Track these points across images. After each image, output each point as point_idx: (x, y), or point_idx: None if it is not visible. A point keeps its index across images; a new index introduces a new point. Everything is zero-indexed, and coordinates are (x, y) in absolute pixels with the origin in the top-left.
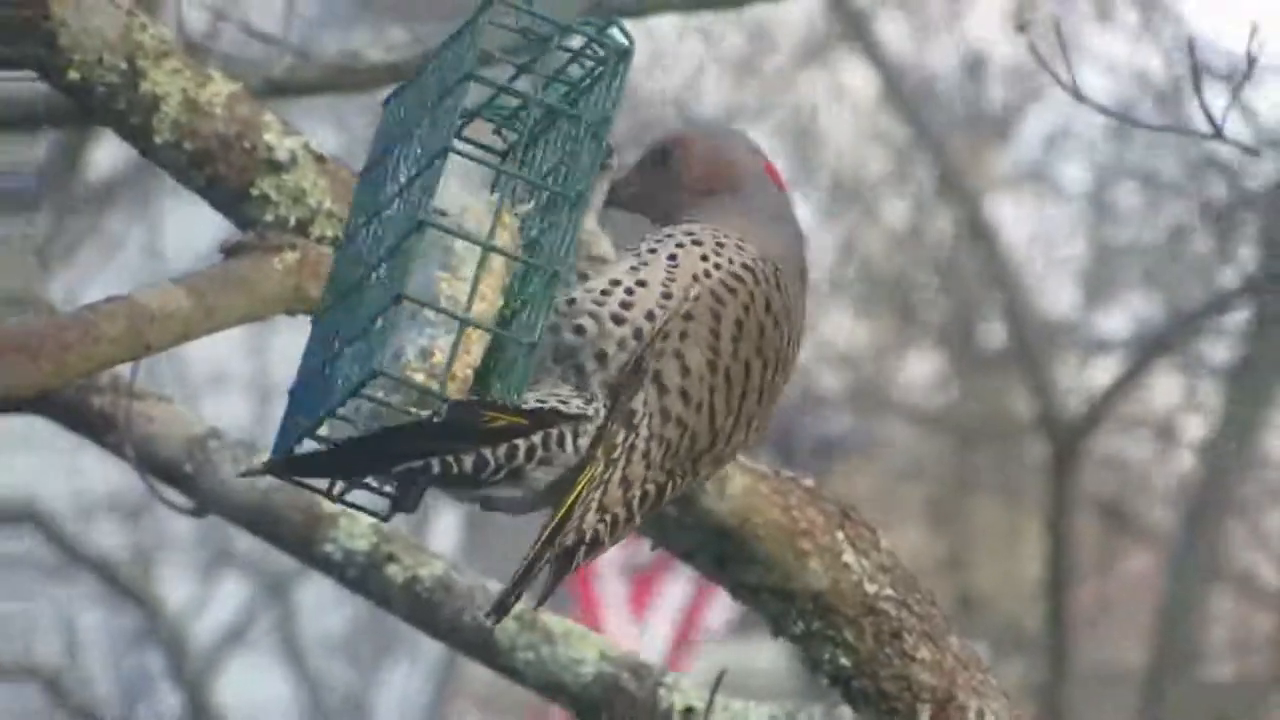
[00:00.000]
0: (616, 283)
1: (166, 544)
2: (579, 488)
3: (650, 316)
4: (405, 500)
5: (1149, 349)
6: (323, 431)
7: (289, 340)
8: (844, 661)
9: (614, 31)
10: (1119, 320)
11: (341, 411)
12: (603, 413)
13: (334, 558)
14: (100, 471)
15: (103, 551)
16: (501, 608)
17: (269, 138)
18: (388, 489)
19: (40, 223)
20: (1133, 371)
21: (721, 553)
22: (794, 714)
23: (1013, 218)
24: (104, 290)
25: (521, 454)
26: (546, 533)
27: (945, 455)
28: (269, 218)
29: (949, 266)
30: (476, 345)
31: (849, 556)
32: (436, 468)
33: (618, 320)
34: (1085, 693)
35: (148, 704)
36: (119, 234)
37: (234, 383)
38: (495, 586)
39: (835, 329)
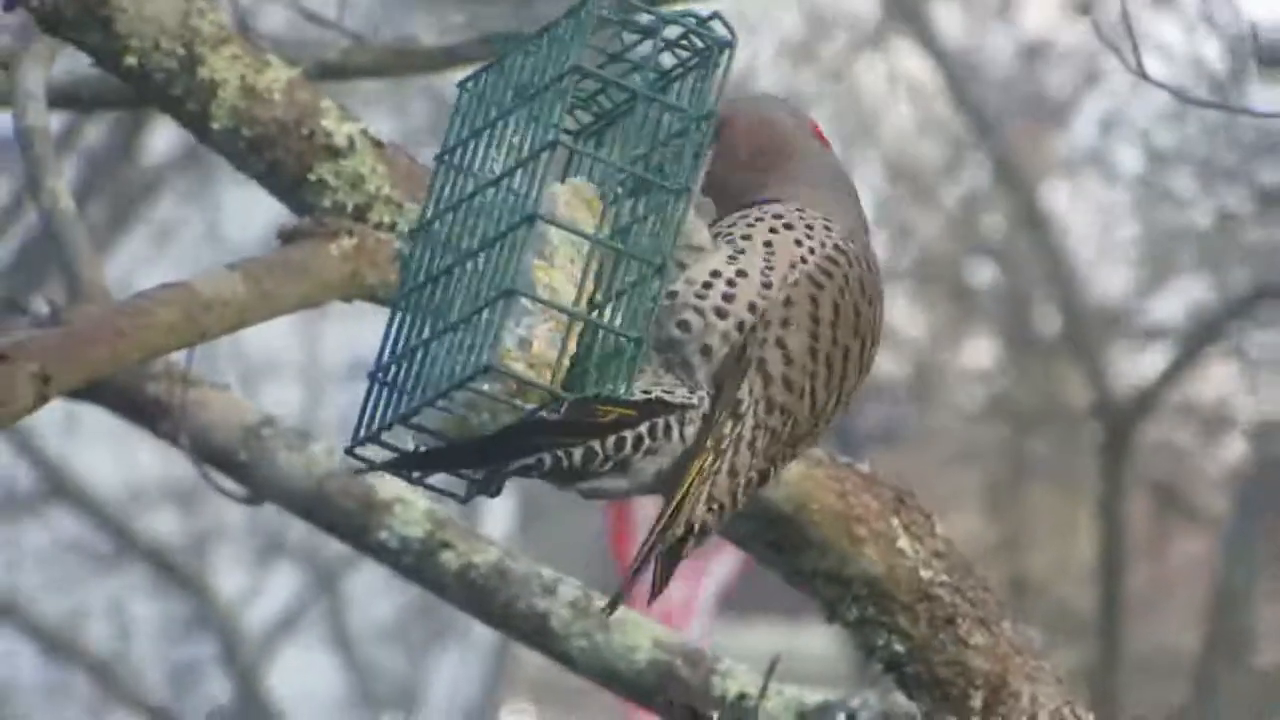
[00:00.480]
0: (717, 274)
1: (219, 532)
2: (690, 480)
3: (752, 308)
4: (488, 484)
5: (1202, 335)
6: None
7: (343, 327)
8: (898, 647)
9: (715, 24)
10: (1173, 306)
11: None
12: (707, 401)
13: (389, 545)
14: (153, 459)
15: (155, 539)
16: (615, 602)
17: (327, 123)
18: (469, 473)
19: (96, 208)
20: (1186, 358)
21: (777, 538)
22: (848, 700)
23: (1068, 204)
24: (160, 277)
25: (629, 445)
26: (660, 525)
27: (1000, 441)
28: (327, 203)
29: (1005, 253)
30: (573, 334)
31: (904, 542)
32: (548, 462)
33: (721, 314)
34: (1138, 677)
35: (198, 692)
36: (174, 220)
37: (287, 369)
38: (550, 573)
39: (891, 315)
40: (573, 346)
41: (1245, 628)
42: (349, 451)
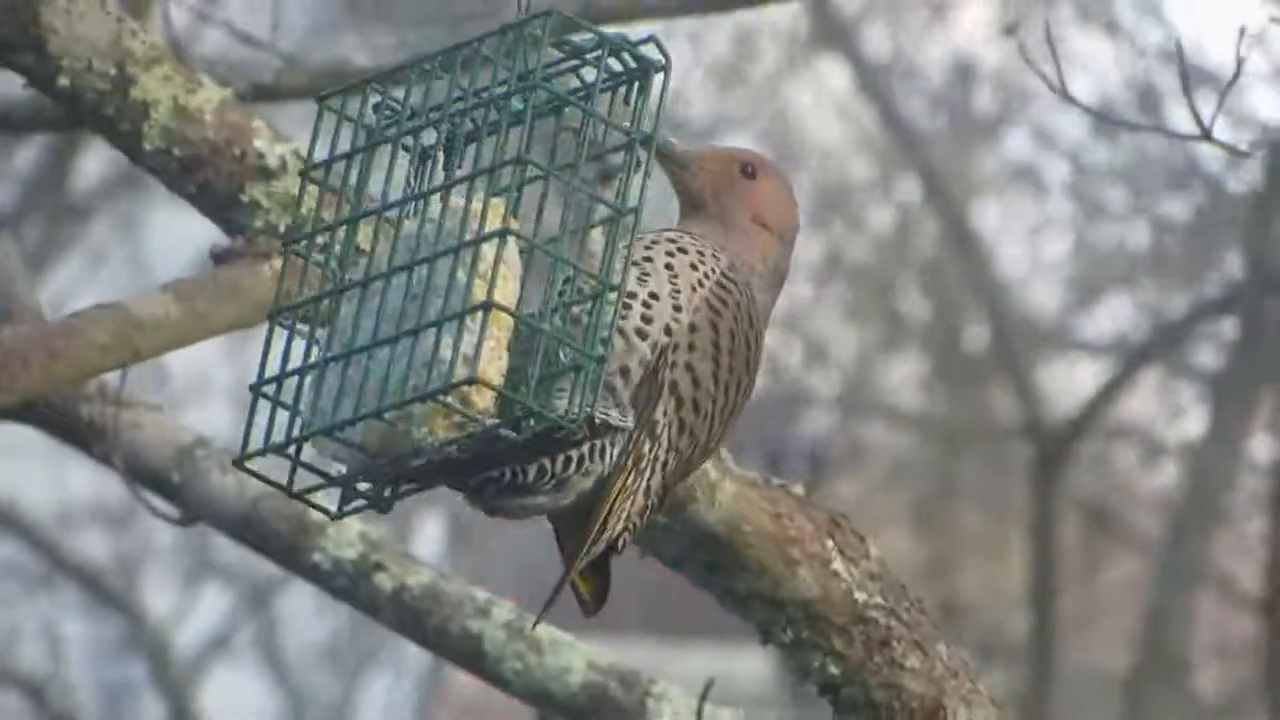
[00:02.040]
0: (633, 295)
1: (150, 553)
2: (612, 498)
3: (668, 330)
4: (381, 500)
5: (1135, 355)
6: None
7: (276, 347)
8: (833, 670)
9: (649, 47)
10: (1105, 325)
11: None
12: (633, 424)
13: (322, 567)
14: (84, 479)
15: (86, 560)
16: (540, 617)
17: (259, 144)
18: (362, 487)
19: (29, 230)
20: (1119, 378)
21: (711, 560)
22: None
23: (998, 222)
24: (93, 299)
25: (574, 464)
26: (587, 544)
27: (930, 460)
28: (259, 224)
29: (934, 271)
30: (504, 350)
31: (838, 564)
32: (507, 476)
33: (641, 335)
34: (1070, 699)
35: (130, 713)
36: (108, 243)
37: (218, 390)
38: (484, 595)
39: (821, 333)
40: (505, 362)
41: (1177, 648)
42: (239, 463)
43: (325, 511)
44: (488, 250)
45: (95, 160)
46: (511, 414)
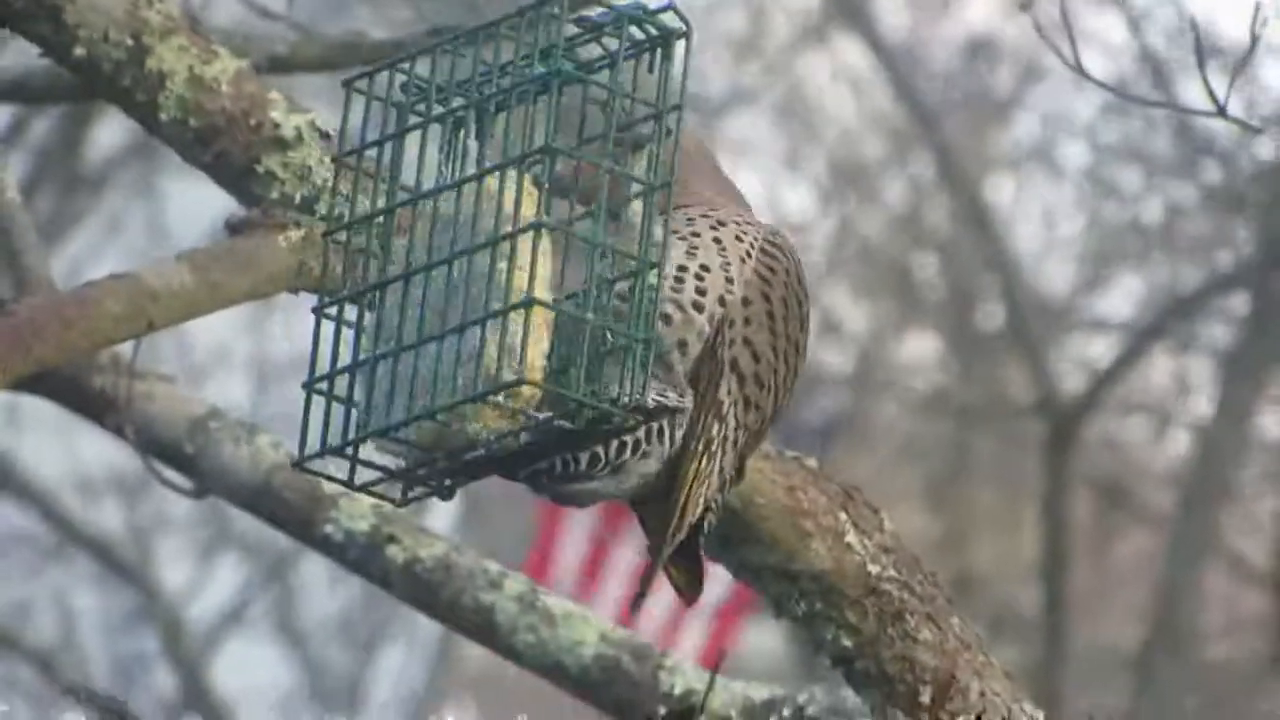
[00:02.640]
0: (684, 269)
1: (164, 525)
2: (688, 484)
3: (722, 301)
4: (444, 488)
5: (1146, 332)
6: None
7: (289, 318)
8: (846, 642)
9: (668, 15)
10: (1117, 302)
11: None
12: (691, 403)
13: (335, 539)
14: (98, 451)
15: (100, 532)
16: (635, 607)
17: (275, 115)
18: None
19: (43, 201)
20: (1130, 354)
21: (725, 533)
22: (795, 695)
23: (1012, 199)
24: (107, 270)
25: (629, 449)
26: (668, 535)
27: (943, 436)
28: (274, 195)
29: (948, 248)
30: (545, 333)
31: (852, 537)
32: (559, 466)
33: (698, 308)
34: (1081, 672)
35: (142, 686)
36: (121, 212)
37: (238, 361)
38: (496, 567)
39: (834, 310)
40: (545, 345)
41: (1188, 623)
42: (299, 465)
43: (390, 500)
44: (524, 239)
45: (110, 130)
46: (564, 404)
